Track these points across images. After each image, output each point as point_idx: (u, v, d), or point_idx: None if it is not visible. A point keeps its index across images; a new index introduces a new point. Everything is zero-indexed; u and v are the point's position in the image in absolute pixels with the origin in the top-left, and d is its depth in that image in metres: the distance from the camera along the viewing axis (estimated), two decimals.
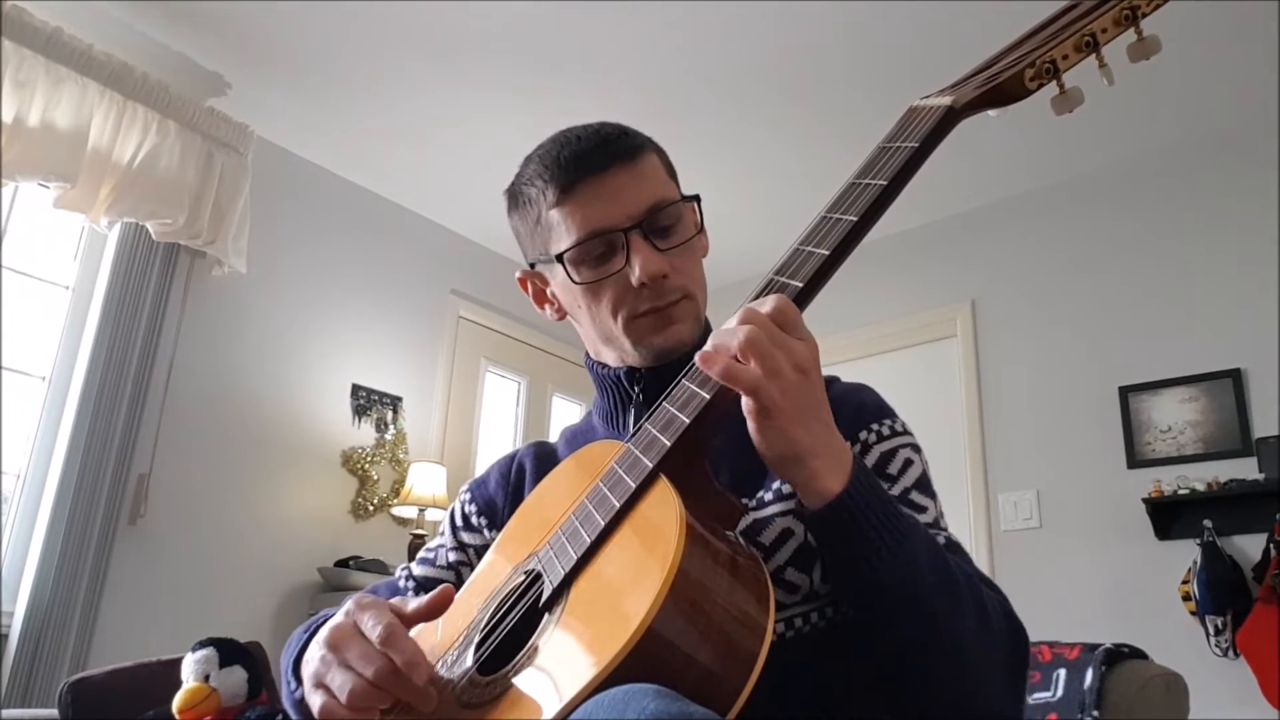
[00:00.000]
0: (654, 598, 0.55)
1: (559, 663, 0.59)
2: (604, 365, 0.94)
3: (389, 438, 3.55)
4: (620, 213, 0.84)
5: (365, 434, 3.49)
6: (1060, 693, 1.33)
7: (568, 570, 0.66)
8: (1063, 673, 1.35)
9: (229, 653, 1.72)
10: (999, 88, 0.73)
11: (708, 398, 0.66)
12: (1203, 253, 3.15)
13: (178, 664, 1.74)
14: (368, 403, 3.52)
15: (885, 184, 0.70)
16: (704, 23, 2.76)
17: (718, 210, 3.54)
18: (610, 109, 3.10)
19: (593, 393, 0.99)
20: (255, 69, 3.05)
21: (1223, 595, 2.73)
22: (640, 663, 0.53)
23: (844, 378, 0.95)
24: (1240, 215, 3.10)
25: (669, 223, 0.87)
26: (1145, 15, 0.72)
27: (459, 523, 0.99)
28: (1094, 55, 0.73)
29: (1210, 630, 2.75)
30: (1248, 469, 2.87)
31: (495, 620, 0.72)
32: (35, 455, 2.70)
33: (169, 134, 2.90)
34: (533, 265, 0.95)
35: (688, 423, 0.66)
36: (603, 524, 0.67)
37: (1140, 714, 1.26)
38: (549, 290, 0.95)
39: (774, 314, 0.64)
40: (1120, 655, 1.34)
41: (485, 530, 0.97)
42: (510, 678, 0.63)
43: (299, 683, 0.73)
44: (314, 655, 0.67)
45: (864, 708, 0.80)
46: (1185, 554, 2.89)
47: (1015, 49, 0.76)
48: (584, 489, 0.74)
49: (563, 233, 0.86)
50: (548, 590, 0.67)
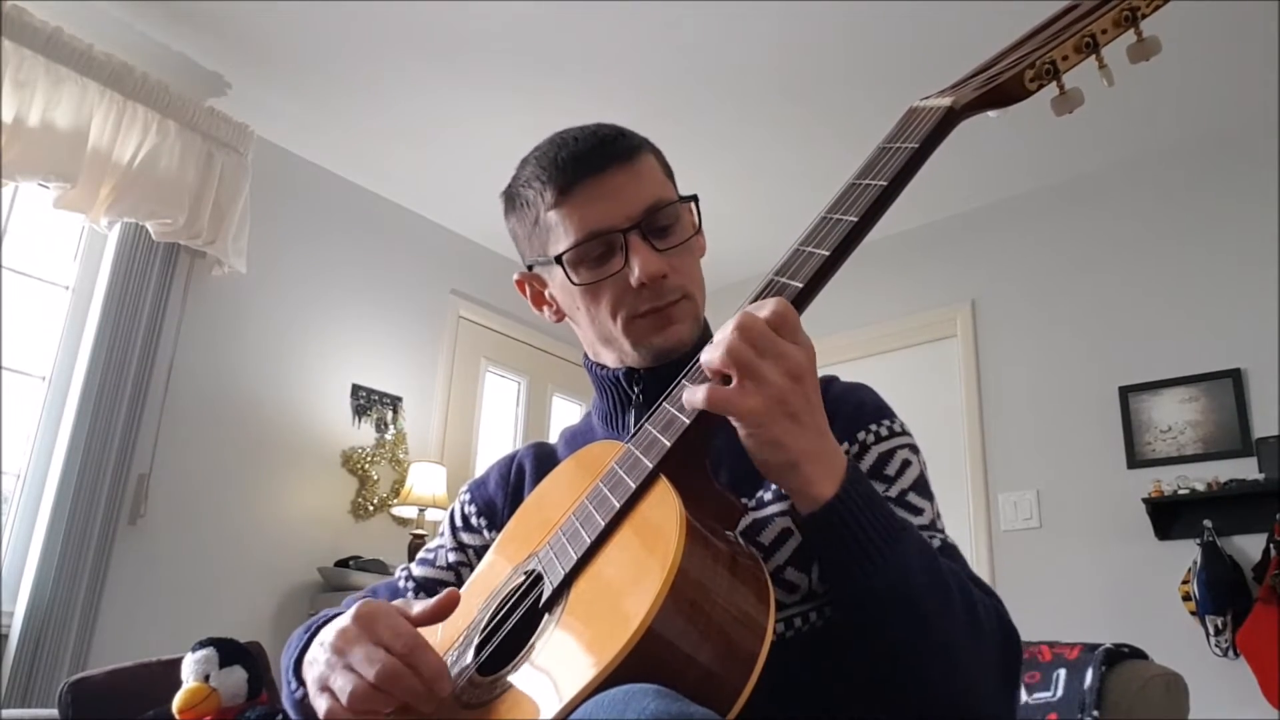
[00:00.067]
0: (654, 598, 0.55)
1: (559, 663, 0.59)
2: (603, 366, 0.93)
3: (389, 438, 3.55)
4: (619, 213, 0.84)
5: (365, 434, 3.49)
6: (1060, 693, 1.33)
7: (568, 570, 0.66)
8: (1063, 673, 1.35)
9: (229, 653, 1.72)
10: (999, 89, 0.73)
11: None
12: (1203, 253, 3.15)
13: (178, 664, 1.73)
14: (368, 403, 3.52)
15: (885, 184, 0.70)
16: (704, 23, 2.76)
17: (718, 210, 3.55)
18: (610, 109, 3.11)
19: (592, 393, 0.99)
20: (255, 69, 3.05)
21: (1223, 595, 2.73)
22: (640, 663, 0.53)
23: (843, 377, 0.95)
24: (1240, 215, 3.10)
25: (667, 223, 0.87)
26: (1145, 16, 0.72)
27: (458, 523, 0.99)
28: (1094, 56, 0.73)
29: (1210, 630, 2.75)
30: (1248, 469, 2.87)
31: (495, 620, 0.72)
32: (35, 455, 2.70)
33: (169, 134, 2.90)
34: (530, 267, 0.94)
35: (688, 423, 0.66)
36: (603, 524, 0.67)
37: (1140, 714, 1.26)
38: (547, 292, 0.95)
39: (771, 318, 0.64)
40: (1120, 655, 1.34)
41: (485, 531, 0.97)
42: (510, 678, 0.63)
43: (299, 683, 0.73)
44: (318, 657, 0.67)
45: (864, 707, 0.80)
46: (1185, 554, 2.89)
47: (1015, 50, 0.76)
48: (584, 489, 0.74)
49: (561, 234, 0.86)
50: (548, 590, 0.67)
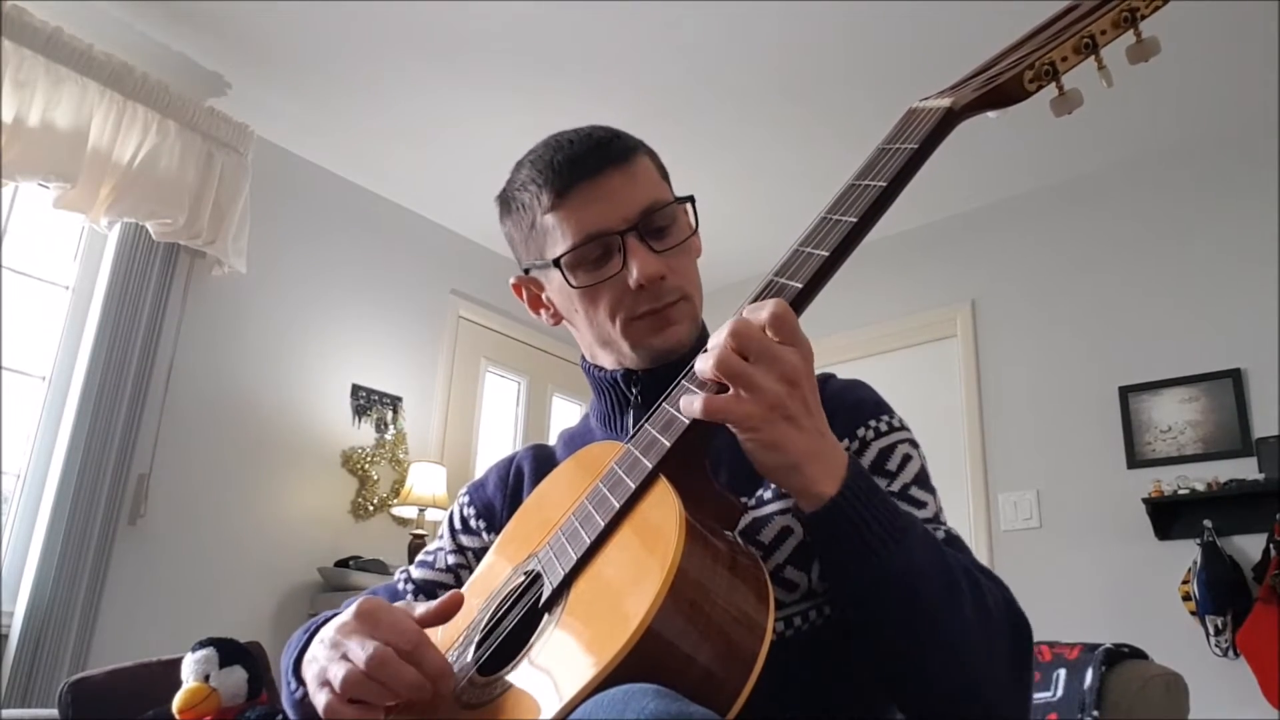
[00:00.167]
0: (654, 598, 0.55)
1: (559, 663, 0.59)
2: (600, 368, 0.93)
3: (389, 438, 3.55)
4: (616, 215, 0.84)
5: (365, 434, 3.49)
6: (1060, 693, 1.33)
7: (567, 571, 0.66)
8: (1063, 673, 1.35)
9: (229, 653, 1.72)
10: (998, 89, 0.73)
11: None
12: (1203, 253, 3.15)
13: (178, 664, 1.74)
14: (368, 403, 3.52)
15: (885, 185, 0.70)
16: (704, 23, 2.76)
17: (718, 210, 3.56)
18: (610, 109, 3.11)
19: (590, 394, 0.99)
20: (255, 69, 3.05)
21: (1223, 595, 2.73)
22: (640, 663, 0.53)
23: (840, 376, 0.95)
24: (1240, 215, 3.10)
25: (664, 224, 0.87)
26: (1144, 17, 0.72)
27: (458, 526, 0.99)
28: (1093, 57, 0.73)
29: (1210, 630, 2.75)
30: (1248, 469, 2.87)
31: (495, 620, 0.72)
32: (35, 455, 2.71)
33: (169, 134, 2.90)
34: (527, 271, 0.94)
35: (687, 424, 0.66)
36: (602, 524, 0.67)
37: (1140, 714, 1.26)
38: (544, 295, 0.95)
39: (769, 321, 0.64)
40: (1120, 655, 1.34)
41: (484, 533, 0.97)
42: (510, 678, 0.63)
43: (299, 683, 0.73)
44: (318, 654, 0.67)
45: (865, 706, 0.80)
46: (1185, 554, 2.89)
47: (1014, 51, 0.76)
48: (584, 490, 0.74)
49: (558, 237, 0.86)
50: (547, 590, 0.67)
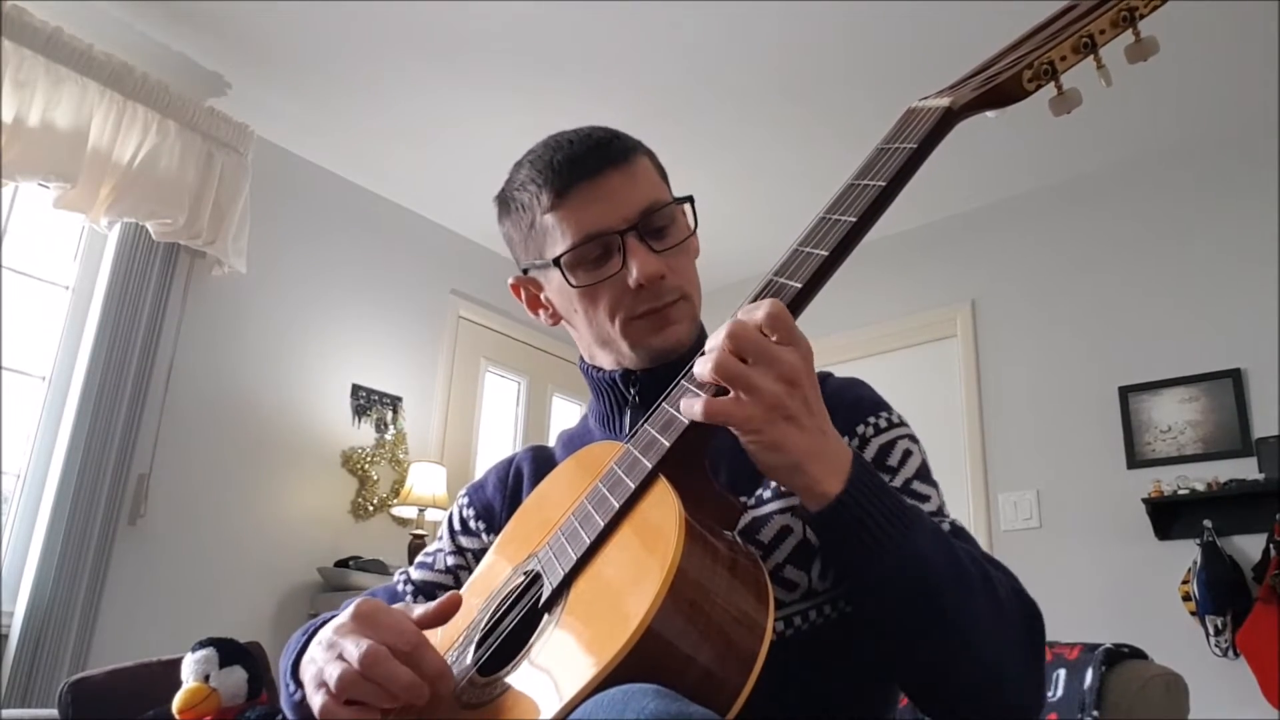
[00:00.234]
0: (653, 598, 0.55)
1: (558, 663, 0.59)
2: (599, 369, 0.93)
3: (389, 438, 3.55)
4: (615, 215, 0.84)
5: (365, 434, 3.49)
6: (1060, 693, 1.33)
7: (567, 571, 0.66)
8: (1063, 673, 1.34)
9: (229, 653, 1.72)
10: (997, 89, 0.73)
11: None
12: (1203, 252, 3.15)
13: (178, 664, 1.74)
14: (368, 403, 3.52)
15: (884, 185, 0.70)
16: (704, 23, 2.76)
17: (718, 210, 3.56)
18: (610, 109, 3.11)
19: (589, 395, 0.99)
20: (255, 69, 3.05)
21: (1223, 595, 2.73)
22: (640, 663, 0.53)
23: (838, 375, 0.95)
24: (1240, 215, 3.10)
25: (663, 224, 0.87)
26: (1143, 17, 0.72)
27: (457, 527, 0.99)
28: (1092, 56, 0.73)
29: (1210, 630, 2.75)
30: (1248, 469, 2.87)
31: (495, 621, 0.72)
32: (35, 455, 2.71)
33: (169, 134, 2.90)
34: (526, 271, 0.94)
35: (687, 424, 0.66)
36: (602, 524, 0.67)
37: (1140, 714, 1.26)
38: (543, 295, 0.95)
39: (765, 321, 0.64)
40: (1120, 655, 1.33)
41: (483, 534, 0.97)
42: (509, 678, 0.63)
43: (298, 685, 0.73)
44: (315, 656, 0.67)
45: (865, 706, 0.80)
46: (1185, 554, 2.89)
47: (1013, 50, 0.76)
48: (583, 490, 0.74)
49: (558, 237, 0.86)
50: (547, 591, 0.67)
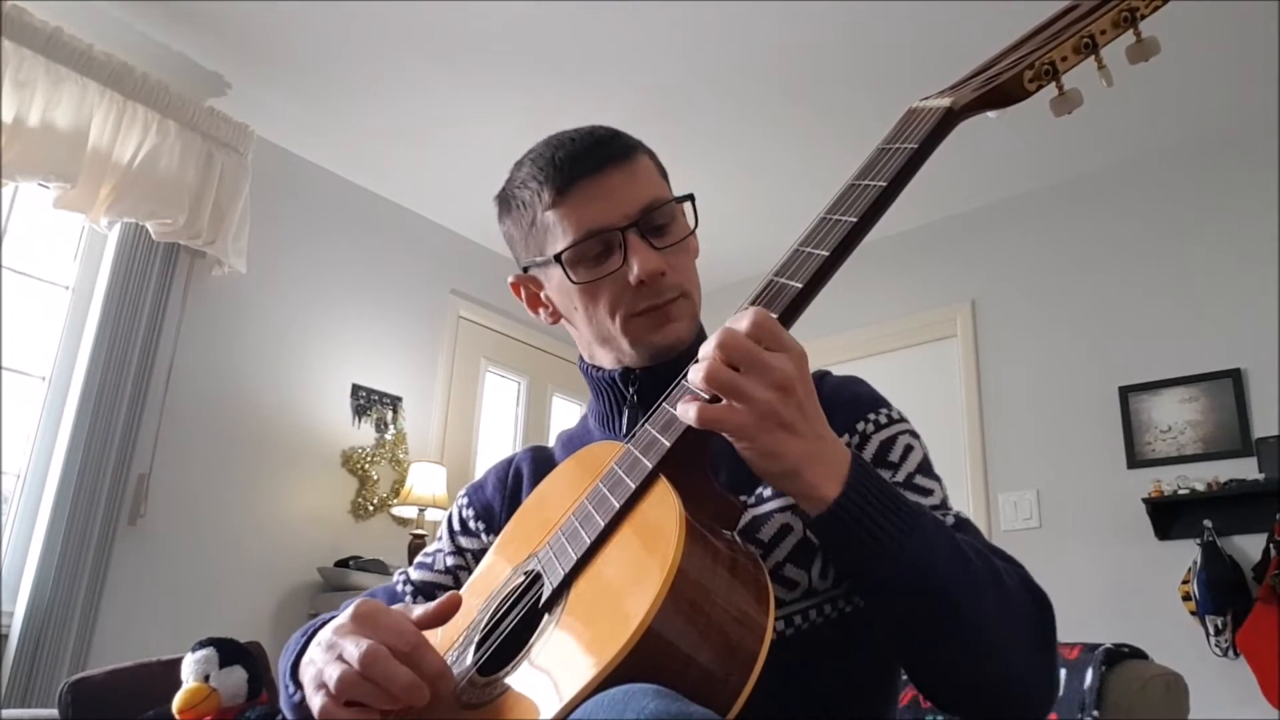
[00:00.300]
0: (654, 598, 0.55)
1: (558, 663, 0.59)
2: (598, 368, 0.93)
3: (389, 438, 3.55)
4: (616, 212, 0.85)
5: (365, 434, 3.49)
6: (1060, 693, 1.33)
7: (567, 571, 0.66)
8: (1062, 673, 1.34)
9: (229, 653, 1.72)
10: (998, 89, 0.73)
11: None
12: (1203, 252, 3.15)
13: (178, 664, 1.74)
14: (368, 403, 3.52)
15: (885, 185, 0.70)
16: (704, 23, 2.76)
17: (718, 210, 3.56)
18: (610, 109, 3.11)
19: (589, 395, 0.99)
20: (255, 69, 3.05)
21: (1223, 595, 2.73)
22: (640, 663, 0.53)
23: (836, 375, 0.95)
24: (1240, 215, 3.10)
25: (664, 221, 0.87)
26: (1144, 17, 0.72)
27: (456, 528, 0.99)
28: (1093, 57, 0.73)
29: (1210, 630, 2.75)
30: (1248, 469, 2.87)
31: (495, 621, 0.72)
32: (35, 455, 2.71)
33: (169, 134, 2.90)
34: (526, 269, 0.94)
35: (686, 424, 0.66)
36: (602, 524, 0.67)
37: (1140, 714, 1.26)
38: (543, 294, 0.95)
39: (751, 331, 0.63)
40: (1120, 655, 1.33)
41: (483, 535, 0.97)
42: (509, 678, 0.63)
43: (297, 686, 0.73)
44: (315, 657, 0.67)
45: (865, 705, 0.80)
46: (1185, 554, 2.89)
47: (1014, 50, 0.76)
48: (584, 490, 0.74)
49: (559, 234, 0.86)
50: (547, 591, 0.67)
